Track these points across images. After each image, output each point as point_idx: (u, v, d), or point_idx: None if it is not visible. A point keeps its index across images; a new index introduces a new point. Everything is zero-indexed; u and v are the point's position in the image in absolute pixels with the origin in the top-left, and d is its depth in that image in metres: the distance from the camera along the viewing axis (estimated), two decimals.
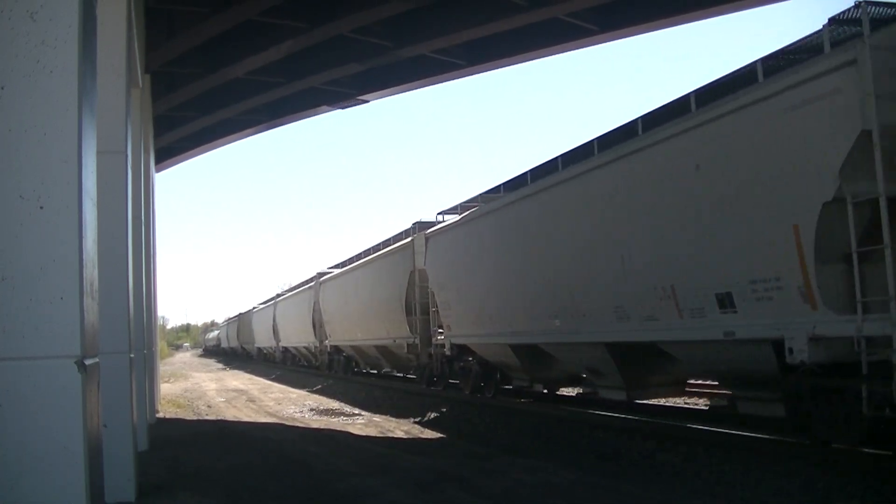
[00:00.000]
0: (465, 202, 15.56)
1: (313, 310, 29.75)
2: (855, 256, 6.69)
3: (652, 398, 11.85)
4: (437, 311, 16.48)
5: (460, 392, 16.46)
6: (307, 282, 32.43)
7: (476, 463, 8.67)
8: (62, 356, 3.39)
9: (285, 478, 7.61)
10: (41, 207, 3.43)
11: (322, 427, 13.37)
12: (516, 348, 13.33)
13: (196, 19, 12.48)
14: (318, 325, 29.42)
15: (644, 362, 10.41)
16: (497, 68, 16.31)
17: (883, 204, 6.44)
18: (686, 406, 12.84)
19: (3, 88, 3.42)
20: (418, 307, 17.89)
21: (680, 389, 11.99)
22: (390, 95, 18.01)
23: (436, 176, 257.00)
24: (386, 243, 22.09)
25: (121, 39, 6.95)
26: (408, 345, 18.65)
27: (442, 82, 16.99)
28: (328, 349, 28.27)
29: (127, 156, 6.82)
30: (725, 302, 8.09)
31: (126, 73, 6.94)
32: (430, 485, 7.14)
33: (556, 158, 11.95)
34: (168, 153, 20.97)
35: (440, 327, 16.59)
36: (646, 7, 13.31)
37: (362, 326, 22.63)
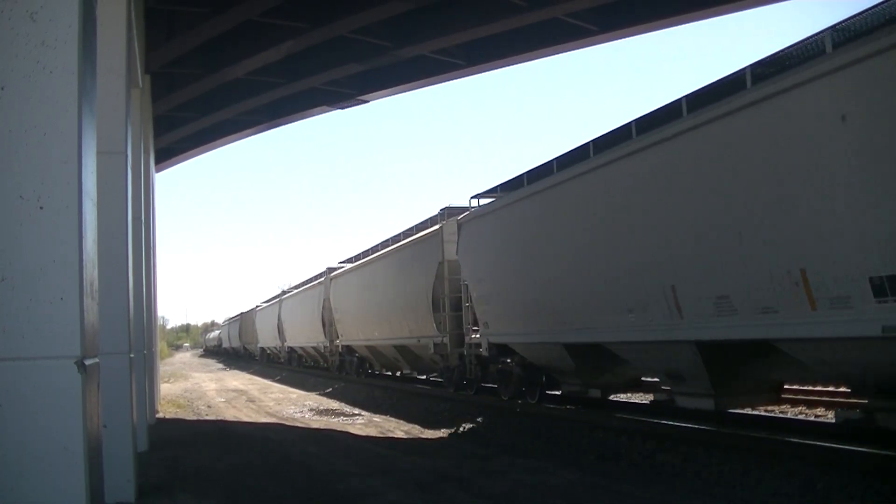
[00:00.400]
0: (504, 182, 13.41)
1: (323, 307, 28.42)
2: None
3: (745, 406, 9.80)
4: (471, 306, 14.70)
5: (497, 398, 14.57)
6: (316, 277, 31.23)
7: (476, 463, 8.66)
8: (62, 356, 3.39)
9: (285, 478, 7.61)
10: (41, 208, 3.43)
11: (322, 427, 13.37)
12: (572, 348, 11.50)
13: (196, 20, 12.48)
14: (327, 324, 27.75)
15: (744, 364, 8.80)
16: (497, 68, 16.34)
17: None
18: (794, 417, 10.74)
19: (3, 89, 3.42)
20: (447, 302, 15.91)
21: (776, 397, 9.92)
22: (390, 95, 18.04)
23: (436, 176, 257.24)
24: (408, 233, 20.15)
25: (121, 40, 6.96)
26: (434, 344, 16.72)
27: (442, 82, 17.02)
28: (339, 349, 26.47)
29: (127, 156, 6.82)
30: (885, 288, 6.32)
31: (126, 73, 6.94)
32: (430, 485, 7.14)
33: (631, 122, 9.65)
34: (168, 153, 20.98)
35: (474, 325, 14.88)
36: (646, 7, 13.32)
37: (379, 325, 20.71)
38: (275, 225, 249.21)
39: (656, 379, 11.14)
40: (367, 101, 18.02)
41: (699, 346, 8.72)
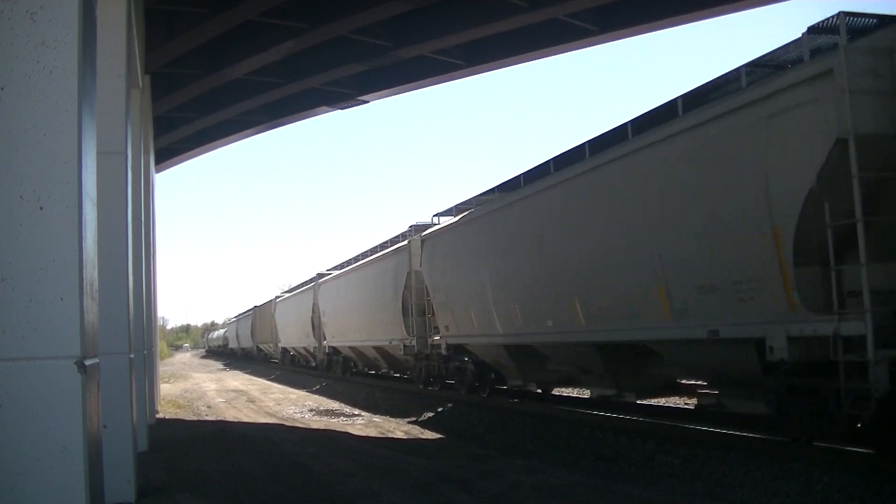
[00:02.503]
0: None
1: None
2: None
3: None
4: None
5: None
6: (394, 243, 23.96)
7: (475, 464, 8.66)
8: (62, 357, 3.39)
9: (285, 479, 7.61)
10: (41, 208, 3.43)
11: (322, 428, 13.38)
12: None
13: (196, 20, 12.48)
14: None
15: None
16: (497, 68, 16.34)
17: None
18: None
19: (3, 89, 3.42)
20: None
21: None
22: (390, 96, 18.04)
23: (437, 175, 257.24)
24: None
25: (121, 40, 6.95)
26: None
27: (442, 82, 17.03)
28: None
29: (127, 156, 6.82)
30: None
31: (126, 73, 6.94)
32: (430, 486, 7.14)
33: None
34: (168, 153, 20.99)
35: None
36: (646, 7, 13.32)
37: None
38: (275, 225, 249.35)
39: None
40: (367, 101, 18.02)
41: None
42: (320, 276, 28.29)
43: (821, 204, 6.91)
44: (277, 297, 36.47)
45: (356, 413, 16.31)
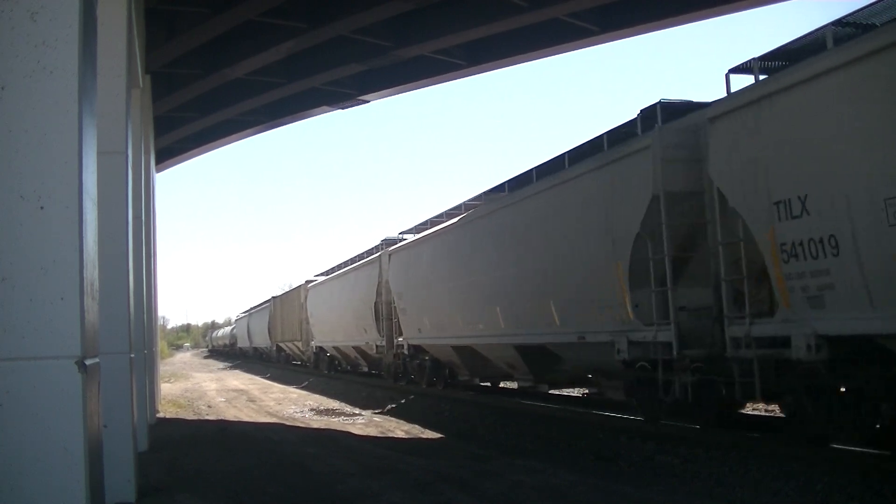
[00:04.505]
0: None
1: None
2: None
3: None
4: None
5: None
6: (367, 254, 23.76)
7: (475, 464, 8.67)
8: (62, 356, 3.39)
9: (285, 479, 7.61)
10: (41, 208, 3.42)
11: (322, 427, 13.38)
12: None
13: (196, 20, 12.48)
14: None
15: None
16: (497, 68, 16.33)
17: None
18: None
19: (3, 88, 3.42)
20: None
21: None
22: (390, 96, 18.03)
23: (438, 175, 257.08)
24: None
25: (121, 40, 6.95)
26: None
27: (442, 82, 17.01)
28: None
29: (127, 156, 6.82)
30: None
31: (126, 73, 6.94)
32: (430, 486, 7.15)
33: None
34: (168, 153, 20.98)
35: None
36: (646, 7, 13.31)
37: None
38: (275, 224, 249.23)
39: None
40: (368, 101, 18.02)
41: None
42: (388, 243, 21.31)
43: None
44: (310, 282, 31.08)
45: (356, 412, 16.32)
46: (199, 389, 24.83)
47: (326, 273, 30.06)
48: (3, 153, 3.41)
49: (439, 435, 12.27)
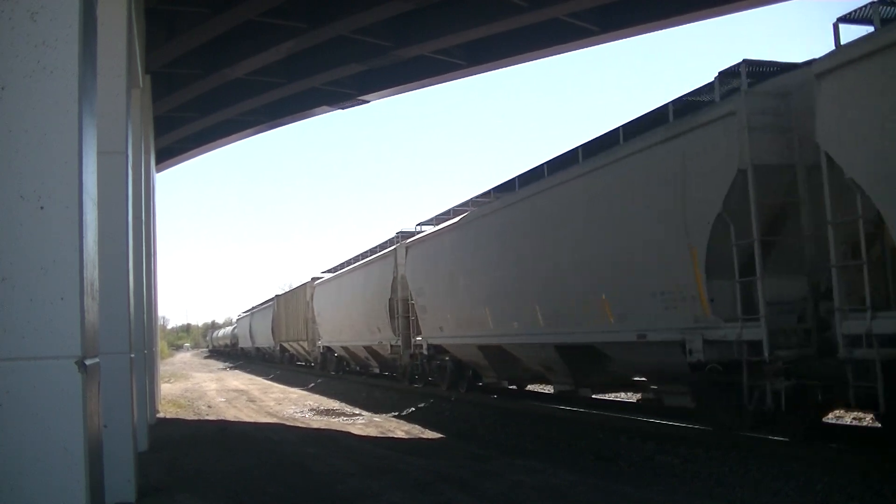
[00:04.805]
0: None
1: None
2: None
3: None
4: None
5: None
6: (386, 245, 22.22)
7: (475, 464, 8.66)
8: (62, 356, 3.39)
9: (285, 479, 7.61)
10: (41, 207, 3.42)
11: (322, 427, 13.38)
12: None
13: (196, 20, 12.48)
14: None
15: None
16: (497, 68, 16.33)
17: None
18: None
19: (3, 88, 3.42)
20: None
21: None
22: (391, 96, 18.03)
23: (438, 174, 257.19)
24: (373, 251, 23.21)
25: (121, 40, 6.95)
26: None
27: (442, 82, 17.01)
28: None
29: (127, 156, 6.82)
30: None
31: (126, 73, 6.94)
32: (430, 486, 7.15)
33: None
34: (168, 153, 20.98)
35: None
36: (646, 7, 13.31)
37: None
38: (275, 224, 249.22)
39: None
40: (368, 101, 18.02)
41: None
42: (404, 235, 20.22)
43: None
44: (316, 279, 30.30)
45: (356, 412, 16.32)
46: (199, 389, 24.83)
47: (334, 270, 28.79)
48: (3, 153, 3.41)
49: (439, 435, 12.27)
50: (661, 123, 9.40)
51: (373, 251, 23.22)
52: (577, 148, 11.35)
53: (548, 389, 15.93)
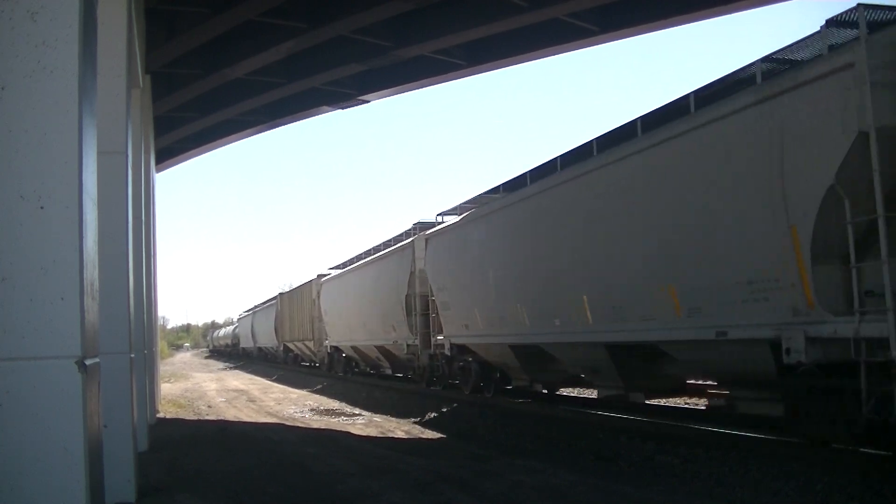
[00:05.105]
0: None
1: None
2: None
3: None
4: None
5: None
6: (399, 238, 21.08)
7: (476, 464, 8.66)
8: (62, 356, 3.39)
9: (285, 479, 7.61)
10: (41, 207, 3.42)
11: (322, 427, 13.38)
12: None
13: (196, 20, 12.48)
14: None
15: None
16: (497, 69, 16.34)
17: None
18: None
19: (3, 88, 3.42)
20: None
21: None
22: (391, 96, 18.05)
23: (438, 174, 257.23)
24: (387, 244, 21.91)
25: (121, 40, 6.95)
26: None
27: (442, 82, 17.02)
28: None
29: (127, 156, 6.82)
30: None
31: (126, 73, 6.94)
32: (430, 486, 7.15)
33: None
34: (168, 153, 20.98)
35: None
36: (646, 7, 13.31)
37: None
38: (275, 224, 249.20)
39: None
40: (368, 101, 18.02)
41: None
42: (422, 226, 18.90)
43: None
44: (323, 276, 29.22)
45: (356, 412, 16.31)
46: (199, 389, 24.83)
47: (342, 266, 27.38)
48: (3, 153, 3.41)
49: (439, 435, 12.27)
50: (745, 86, 8.01)
51: (386, 245, 21.89)
52: (634, 121, 9.76)
53: (588, 393, 14.66)
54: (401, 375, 22.45)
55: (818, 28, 7.27)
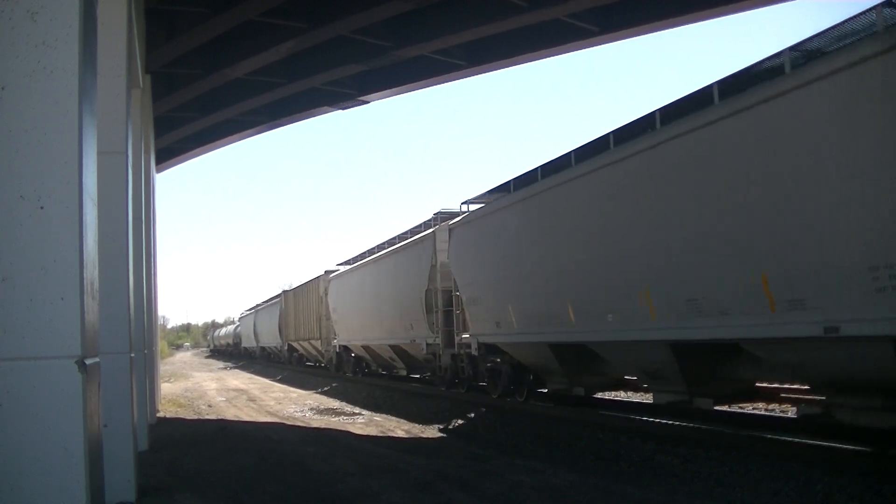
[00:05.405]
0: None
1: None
2: None
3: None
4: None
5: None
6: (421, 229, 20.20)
7: (476, 464, 8.66)
8: (62, 356, 3.39)
9: (285, 478, 7.61)
10: (41, 207, 3.43)
11: (322, 427, 13.38)
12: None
13: (197, 20, 12.49)
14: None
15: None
16: (497, 68, 16.32)
17: None
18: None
19: (3, 89, 3.42)
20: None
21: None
22: (391, 96, 18.03)
23: (437, 175, 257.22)
24: (402, 237, 20.58)
25: (121, 40, 6.96)
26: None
27: (442, 83, 17.01)
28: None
29: (127, 156, 6.82)
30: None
31: (126, 73, 6.94)
32: (430, 485, 7.15)
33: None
34: (168, 153, 20.99)
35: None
36: (646, 8, 13.32)
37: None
38: (275, 225, 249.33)
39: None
40: (368, 102, 18.03)
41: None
42: (443, 217, 17.94)
43: None
44: (331, 272, 27.76)
45: (356, 412, 16.31)
46: (200, 389, 24.83)
47: (352, 261, 25.97)
48: (3, 153, 3.41)
49: (440, 434, 12.27)
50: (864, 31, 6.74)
51: (402, 237, 20.55)
52: (710, 86, 8.39)
53: (639, 398, 13.64)
54: (418, 377, 21.28)
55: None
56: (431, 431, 12.64)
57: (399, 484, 7.19)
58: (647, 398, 12.87)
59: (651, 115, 9.49)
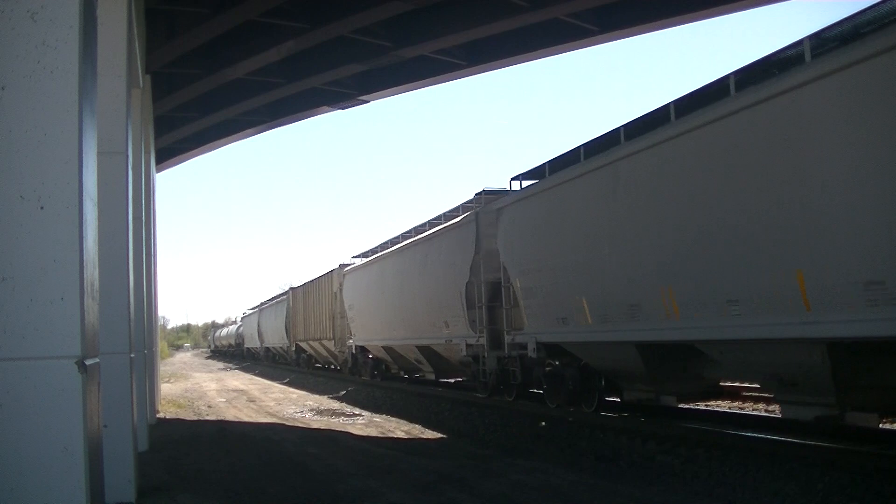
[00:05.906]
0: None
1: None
2: None
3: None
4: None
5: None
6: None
7: (476, 464, 8.67)
8: (62, 356, 3.39)
9: (285, 479, 7.61)
10: (41, 208, 3.42)
11: (322, 427, 13.37)
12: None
13: (197, 20, 12.49)
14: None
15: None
16: (497, 68, 16.37)
17: None
18: None
19: (3, 89, 3.42)
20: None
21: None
22: (391, 96, 18.07)
23: (437, 176, 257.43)
24: (434, 222, 18.10)
25: (121, 40, 6.96)
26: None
27: (442, 83, 17.05)
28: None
29: (127, 156, 6.82)
30: None
31: (126, 73, 6.94)
32: (431, 486, 7.15)
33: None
34: (169, 153, 20.99)
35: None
36: (646, 7, 13.33)
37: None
38: (276, 225, 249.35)
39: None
40: (368, 102, 18.04)
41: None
42: (487, 198, 15.16)
43: None
44: (345, 266, 25.20)
45: (356, 413, 16.32)
46: (199, 390, 24.83)
47: (369, 254, 23.41)
48: (3, 153, 3.41)
49: (440, 435, 12.27)
50: None
51: (432, 224, 17.93)
52: (854, 14, 6.67)
53: (758, 410, 11.54)
54: (451, 381, 19.43)
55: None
56: (431, 432, 12.63)
57: (399, 484, 7.19)
58: (747, 407, 11.47)
59: (799, 42, 7.19)
